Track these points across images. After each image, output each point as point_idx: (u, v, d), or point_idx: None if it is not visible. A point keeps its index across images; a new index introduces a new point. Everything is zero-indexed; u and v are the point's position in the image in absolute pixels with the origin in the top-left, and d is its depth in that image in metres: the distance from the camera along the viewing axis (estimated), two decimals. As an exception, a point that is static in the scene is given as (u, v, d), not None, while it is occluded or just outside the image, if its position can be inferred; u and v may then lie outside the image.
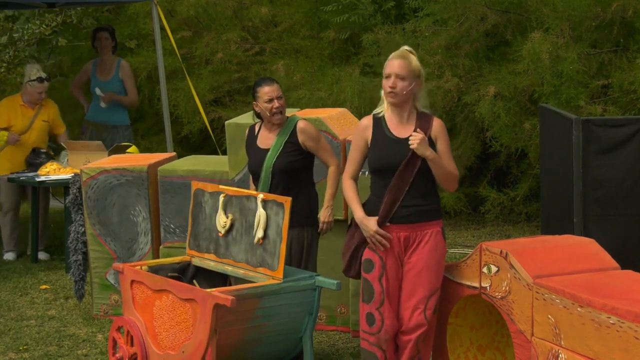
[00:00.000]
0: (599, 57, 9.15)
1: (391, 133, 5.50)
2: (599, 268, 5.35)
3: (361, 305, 5.57)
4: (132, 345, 6.15)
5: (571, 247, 5.55)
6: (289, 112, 7.49)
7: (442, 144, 5.48)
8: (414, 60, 5.51)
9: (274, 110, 6.30)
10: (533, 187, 9.69)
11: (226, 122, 7.33)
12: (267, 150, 6.30)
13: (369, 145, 5.55)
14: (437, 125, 5.50)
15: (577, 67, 8.77)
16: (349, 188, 5.66)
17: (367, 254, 5.55)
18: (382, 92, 5.55)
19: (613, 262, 5.43)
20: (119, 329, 6.28)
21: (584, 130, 6.56)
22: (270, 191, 6.21)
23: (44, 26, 11.43)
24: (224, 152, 7.91)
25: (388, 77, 5.47)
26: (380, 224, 5.47)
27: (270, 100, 6.30)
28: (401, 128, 5.50)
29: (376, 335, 5.49)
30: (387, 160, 5.47)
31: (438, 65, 9.68)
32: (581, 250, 5.50)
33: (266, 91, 6.31)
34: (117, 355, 6.25)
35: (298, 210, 6.13)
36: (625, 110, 8.84)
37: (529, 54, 8.90)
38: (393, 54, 5.57)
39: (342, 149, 6.94)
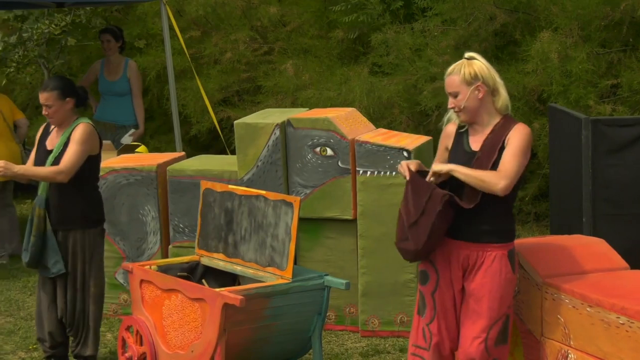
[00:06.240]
0: (608, 56, 9.14)
1: (468, 145, 5.11)
2: (608, 268, 5.35)
3: (416, 318, 5.25)
4: (141, 344, 6.16)
5: (580, 246, 5.54)
6: (296, 112, 7.51)
7: (506, 149, 4.98)
8: (465, 67, 5.05)
9: (45, 115, 6.34)
10: (542, 187, 9.67)
11: (235, 122, 7.33)
12: (51, 151, 6.32)
13: (449, 155, 5.19)
14: (512, 131, 5.00)
15: (586, 67, 8.76)
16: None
17: (423, 265, 5.17)
18: None
19: (622, 262, 5.43)
20: (128, 328, 6.29)
21: (593, 130, 6.56)
22: (50, 190, 6.25)
23: (53, 26, 11.44)
24: (233, 152, 7.91)
25: (448, 96, 5.11)
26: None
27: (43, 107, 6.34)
28: (476, 138, 5.10)
29: (427, 351, 5.16)
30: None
31: (447, 64, 9.64)
32: (590, 250, 5.49)
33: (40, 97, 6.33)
34: (127, 354, 6.26)
35: (79, 213, 6.26)
36: (635, 109, 8.83)
37: (537, 53, 8.90)
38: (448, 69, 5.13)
39: (350, 148, 6.95)
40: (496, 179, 4.90)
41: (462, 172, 4.96)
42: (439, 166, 5.04)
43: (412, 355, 5.25)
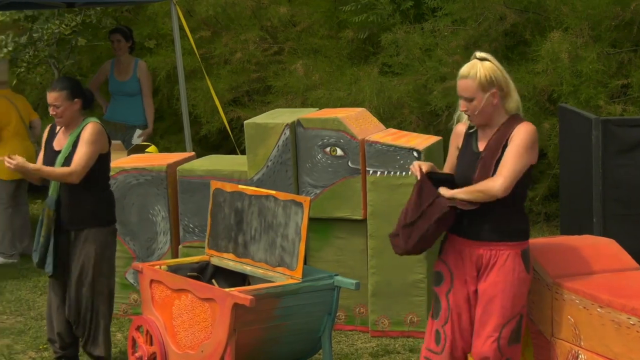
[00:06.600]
0: (618, 56, 9.12)
1: (476, 146, 5.09)
2: (618, 268, 5.34)
3: (430, 321, 5.22)
4: (151, 344, 6.16)
5: (591, 247, 5.53)
6: (306, 112, 7.51)
7: (508, 148, 4.95)
8: (481, 70, 4.97)
9: (53, 115, 6.30)
10: (552, 187, 9.66)
11: (245, 122, 7.34)
12: (59, 152, 6.29)
13: (458, 155, 5.19)
14: (516, 129, 4.97)
15: (597, 67, 8.75)
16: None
17: (437, 266, 5.17)
18: None
19: (633, 262, 5.41)
20: (138, 328, 6.30)
21: (604, 130, 6.55)
22: (61, 189, 6.22)
23: (63, 26, 11.47)
24: (243, 152, 7.92)
25: (460, 98, 5.05)
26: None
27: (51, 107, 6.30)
28: (484, 139, 5.07)
29: (439, 355, 5.13)
30: (461, 174, 5.09)
31: (457, 64, 9.66)
32: (601, 251, 5.48)
33: (48, 97, 6.29)
34: (137, 354, 6.26)
35: (90, 213, 6.25)
36: (645, 110, 8.83)
37: (548, 53, 8.89)
38: (460, 70, 5.06)
39: (360, 148, 6.94)
40: (492, 182, 4.91)
41: (461, 193, 4.97)
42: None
43: (424, 358, 5.23)
